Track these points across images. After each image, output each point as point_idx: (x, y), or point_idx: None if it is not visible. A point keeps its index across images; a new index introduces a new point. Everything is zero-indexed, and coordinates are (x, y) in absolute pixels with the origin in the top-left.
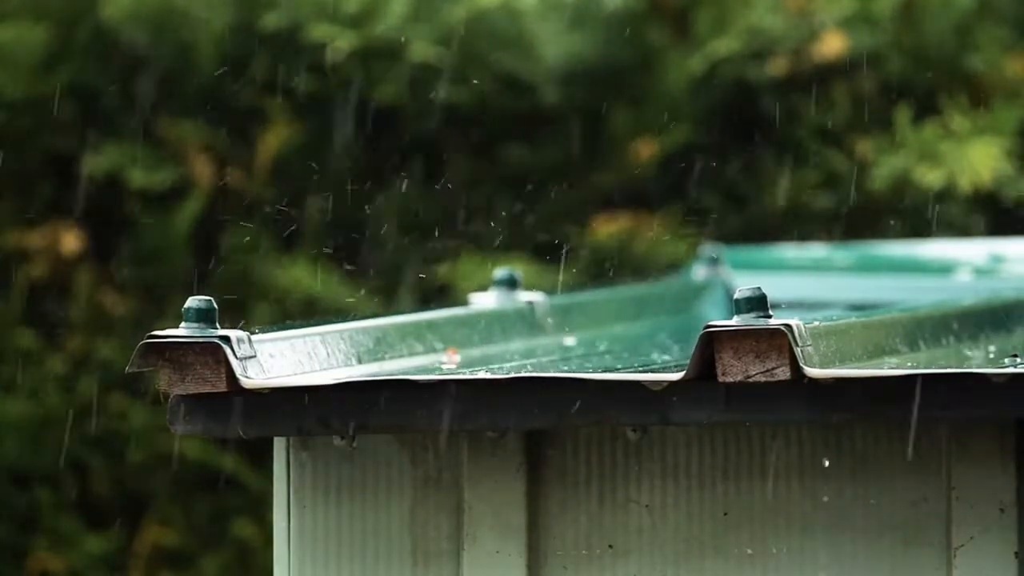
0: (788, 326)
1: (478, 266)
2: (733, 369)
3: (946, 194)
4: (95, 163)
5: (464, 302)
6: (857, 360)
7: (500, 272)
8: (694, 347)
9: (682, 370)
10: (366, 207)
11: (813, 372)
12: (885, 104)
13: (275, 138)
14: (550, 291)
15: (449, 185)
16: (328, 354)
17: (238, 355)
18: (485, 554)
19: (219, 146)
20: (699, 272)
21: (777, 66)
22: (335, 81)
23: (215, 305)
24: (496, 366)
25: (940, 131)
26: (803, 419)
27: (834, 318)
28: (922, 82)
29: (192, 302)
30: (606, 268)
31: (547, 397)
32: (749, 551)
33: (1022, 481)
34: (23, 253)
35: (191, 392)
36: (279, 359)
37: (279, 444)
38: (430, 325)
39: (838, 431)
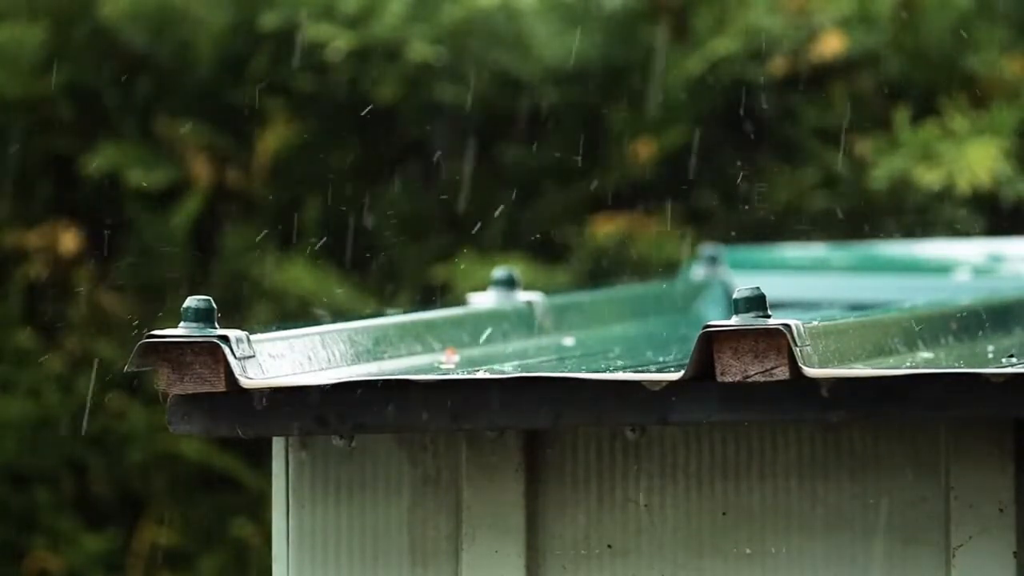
0: (787, 326)
1: (477, 266)
2: (732, 369)
3: (945, 194)
4: (94, 163)
5: (463, 302)
6: (856, 360)
7: (499, 272)
8: (693, 347)
9: (681, 370)
10: (365, 207)
11: (812, 372)
12: (884, 104)
13: (274, 138)
14: (549, 291)
15: (448, 185)
16: (327, 354)
17: (237, 355)
18: (484, 554)
19: (218, 146)
20: (698, 272)
21: (776, 66)
22: (334, 81)
23: (214, 304)
24: (495, 366)
25: (939, 131)
26: (802, 419)
27: (833, 318)
28: (921, 82)
29: (191, 301)
30: (605, 268)
31: (546, 397)
32: (748, 551)
33: (1021, 481)
34: (22, 253)
35: (190, 392)
36: (278, 359)
37: (278, 444)
38: (429, 325)
39: (837, 431)
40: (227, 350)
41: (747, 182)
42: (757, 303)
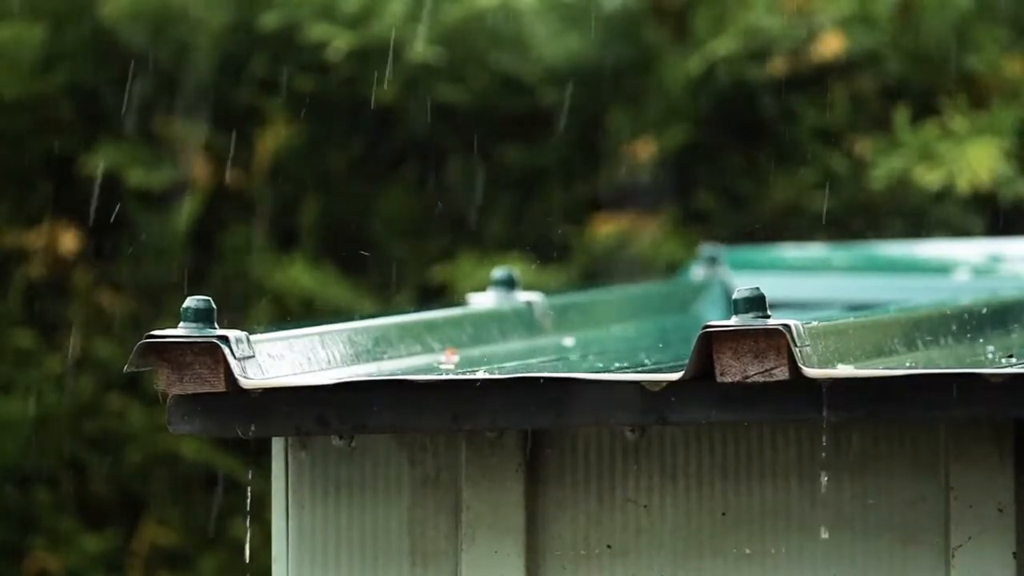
0: (786, 326)
1: (477, 266)
2: (732, 369)
3: (945, 194)
4: (93, 163)
5: (463, 302)
6: (855, 360)
7: (498, 272)
8: (693, 347)
9: (681, 370)
10: (364, 207)
11: (811, 372)
12: (884, 104)
13: (273, 138)
14: (549, 291)
15: (447, 185)
16: (327, 354)
17: (236, 355)
18: (483, 554)
19: (217, 146)
20: (698, 272)
21: (776, 66)
22: (333, 81)
23: (213, 305)
24: (494, 366)
25: (939, 131)
26: (801, 419)
27: (833, 318)
28: (921, 82)
29: (191, 302)
30: (605, 268)
31: (545, 397)
32: (747, 551)
33: (1020, 481)
34: (21, 253)
35: (189, 392)
36: (277, 359)
37: (277, 444)
38: (428, 325)
39: (836, 431)
40: (227, 350)
41: (747, 182)
42: (757, 303)
